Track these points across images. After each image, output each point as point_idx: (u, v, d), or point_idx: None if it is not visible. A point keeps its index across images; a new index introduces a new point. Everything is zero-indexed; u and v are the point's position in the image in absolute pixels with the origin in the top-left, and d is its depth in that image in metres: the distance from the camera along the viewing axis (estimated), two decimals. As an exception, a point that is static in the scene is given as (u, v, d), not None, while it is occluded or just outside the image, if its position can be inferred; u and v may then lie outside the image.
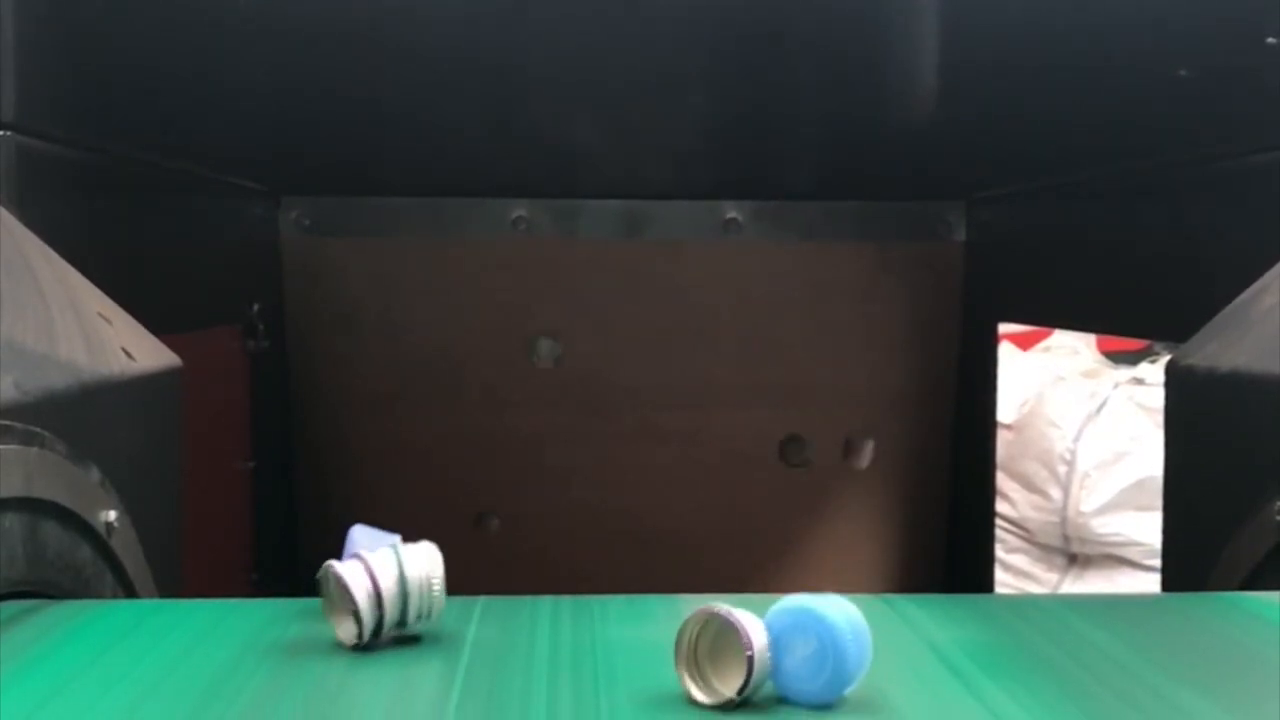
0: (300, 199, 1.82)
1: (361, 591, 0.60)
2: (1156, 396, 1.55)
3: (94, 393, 0.83)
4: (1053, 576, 3.05)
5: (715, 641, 0.55)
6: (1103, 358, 3.44)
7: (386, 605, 0.61)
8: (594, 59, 1.20)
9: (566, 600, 0.70)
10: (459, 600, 0.70)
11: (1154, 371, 3.09)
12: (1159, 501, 1.02)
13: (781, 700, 0.55)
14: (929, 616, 0.68)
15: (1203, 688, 0.58)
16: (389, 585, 0.61)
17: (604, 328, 1.89)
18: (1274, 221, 1.04)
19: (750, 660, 0.53)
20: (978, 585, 1.92)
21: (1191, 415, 0.98)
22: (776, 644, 0.54)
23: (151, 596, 0.89)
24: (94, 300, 0.93)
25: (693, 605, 0.69)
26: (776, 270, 1.89)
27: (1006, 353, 2.79)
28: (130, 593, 0.85)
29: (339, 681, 0.58)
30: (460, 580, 0.65)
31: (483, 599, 0.70)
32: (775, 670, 0.54)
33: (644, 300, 1.89)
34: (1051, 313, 1.74)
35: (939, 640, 0.64)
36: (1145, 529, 2.85)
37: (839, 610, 0.54)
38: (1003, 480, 2.96)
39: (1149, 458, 2.85)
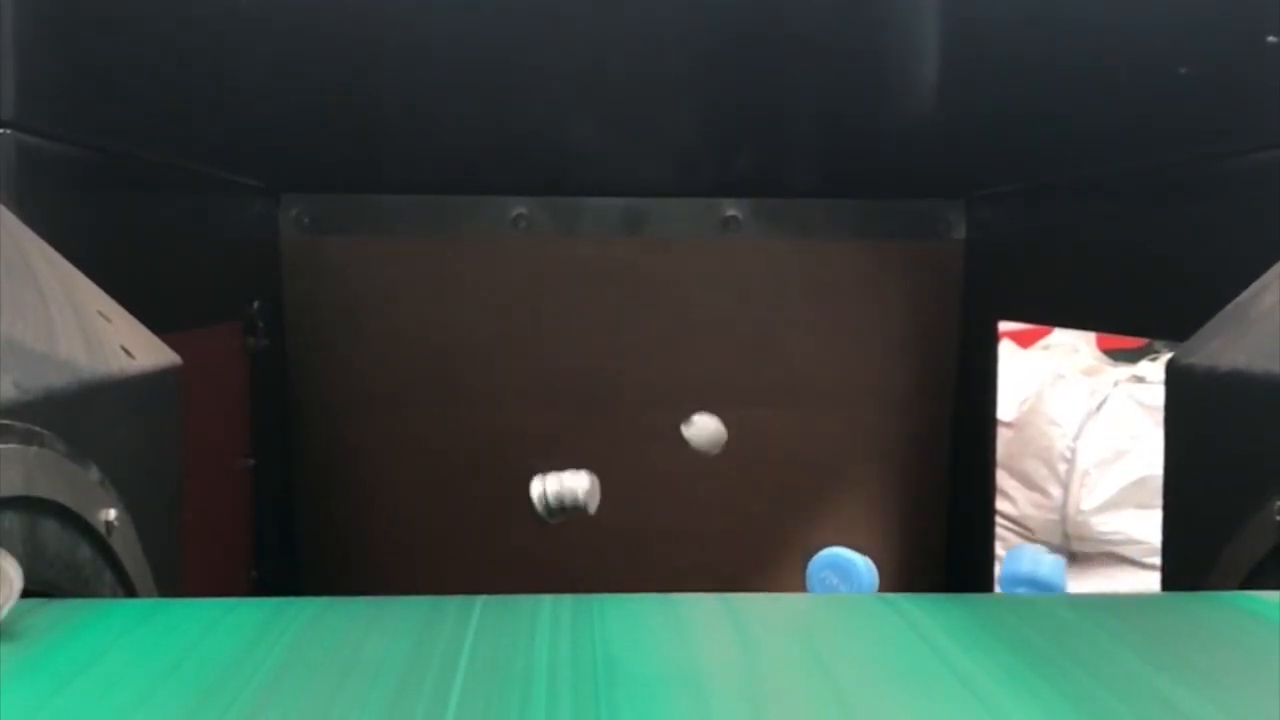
0: (300, 197, 1.82)
1: (536, 493, 1.09)
2: (1156, 394, 1.55)
3: (93, 391, 0.83)
4: (1052, 575, 3.04)
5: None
6: (1102, 355, 3.45)
7: (550, 498, 1.09)
8: (594, 58, 1.20)
9: (566, 600, 0.70)
10: (457, 600, 0.70)
11: (1154, 369, 3.10)
12: (1159, 500, 1.02)
13: None
14: (929, 616, 0.67)
15: (1202, 688, 0.58)
16: (557, 488, 1.09)
17: (603, 326, 1.89)
18: (1274, 221, 1.04)
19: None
20: (978, 585, 1.91)
21: (1191, 414, 0.98)
22: (817, 574, 0.91)
23: (151, 596, 0.89)
24: (94, 298, 0.93)
25: (692, 605, 0.69)
26: (776, 268, 1.89)
27: (1006, 351, 2.79)
28: (130, 592, 0.85)
29: (339, 682, 0.58)
30: (460, 580, 0.66)
31: (482, 598, 0.70)
32: (815, 589, 0.88)
33: (643, 298, 1.90)
34: (1052, 311, 1.74)
35: (939, 640, 0.64)
36: (1145, 527, 2.86)
37: (856, 554, 0.92)
38: (1003, 478, 2.96)
39: (1149, 456, 2.85)
